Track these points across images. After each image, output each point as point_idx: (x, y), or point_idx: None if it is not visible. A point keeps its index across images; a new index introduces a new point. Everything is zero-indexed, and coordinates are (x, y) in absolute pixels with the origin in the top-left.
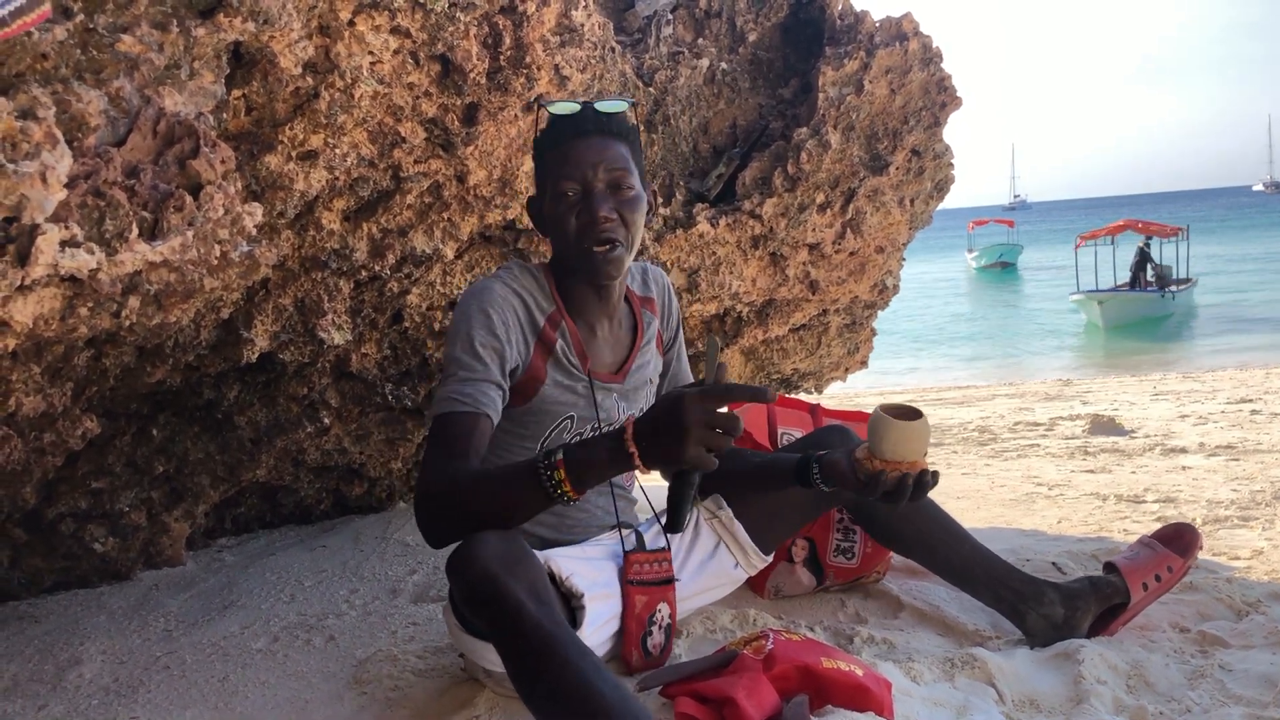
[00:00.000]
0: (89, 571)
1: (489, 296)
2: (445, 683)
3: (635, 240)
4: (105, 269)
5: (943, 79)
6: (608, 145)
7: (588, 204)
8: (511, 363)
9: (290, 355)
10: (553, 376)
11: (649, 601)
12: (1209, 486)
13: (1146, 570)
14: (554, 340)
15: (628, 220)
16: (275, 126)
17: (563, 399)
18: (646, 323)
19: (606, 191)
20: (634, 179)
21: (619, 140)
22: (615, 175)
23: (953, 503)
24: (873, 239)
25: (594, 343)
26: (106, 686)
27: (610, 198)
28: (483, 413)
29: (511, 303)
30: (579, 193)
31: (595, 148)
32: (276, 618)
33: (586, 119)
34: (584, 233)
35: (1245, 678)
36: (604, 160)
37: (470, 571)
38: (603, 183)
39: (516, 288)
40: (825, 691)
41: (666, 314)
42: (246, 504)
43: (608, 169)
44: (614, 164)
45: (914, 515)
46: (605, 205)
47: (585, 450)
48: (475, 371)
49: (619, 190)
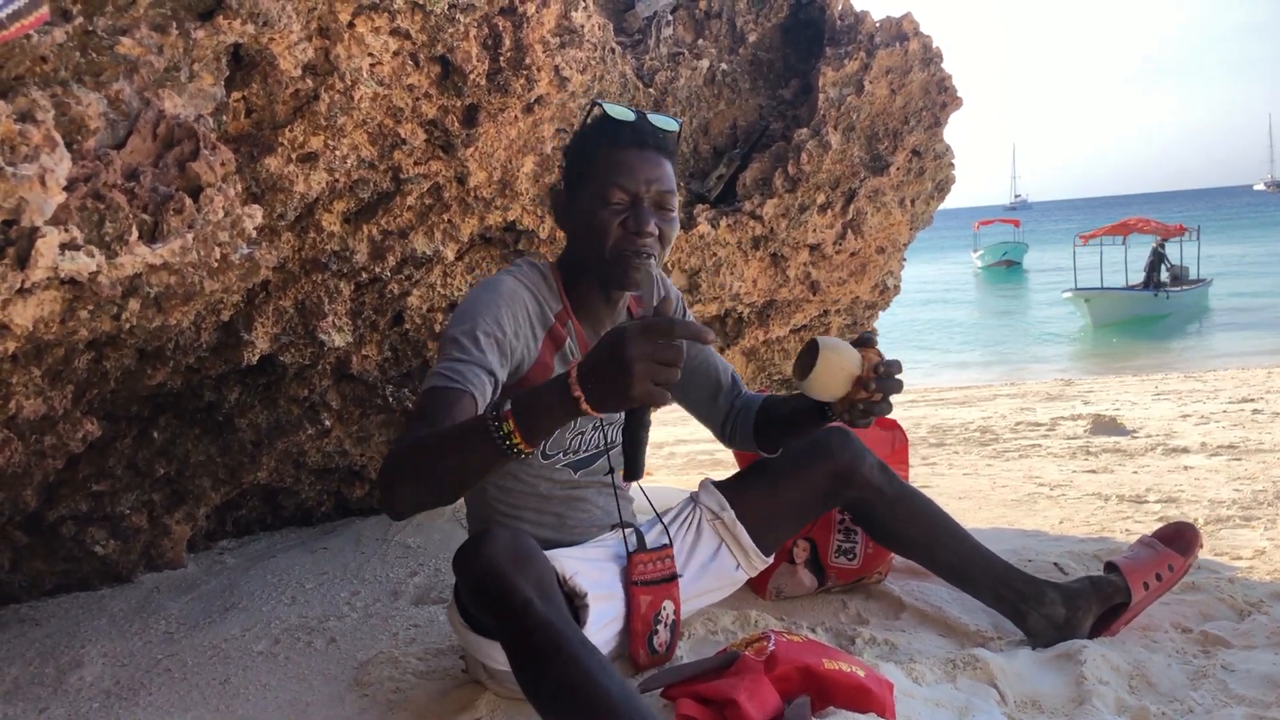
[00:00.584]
0: (90, 574)
1: (500, 288)
2: (446, 685)
3: (664, 256)
4: (105, 271)
5: (943, 79)
6: (661, 163)
7: (636, 214)
8: (516, 356)
9: (291, 357)
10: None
11: (653, 600)
12: (1211, 486)
13: (1147, 569)
14: (563, 338)
15: (665, 238)
16: (275, 129)
17: None
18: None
19: (653, 208)
20: (676, 200)
21: (670, 159)
22: (663, 195)
23: (954, 503)
24: (873, 239)
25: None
26: (108, 689)
27: (655, 214)
28: (467, 390)
29: (522, 296)
30: (626, 203)
31: (651, 162)
32: (277, 620)
33: (645, 132)
34: (626, 241)
35: (1248, 678)
36: (658, 178)
37: (478, 567)
38: (652, 198)
39: (527, 283)
40: (827, 693)
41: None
42: (247, 506)
43: (660, 187)
44: (665, 183)
45: (914, 517)
46: (651, 220)
47: (531, 397)
48: (469, 354)
49: (663, 209)
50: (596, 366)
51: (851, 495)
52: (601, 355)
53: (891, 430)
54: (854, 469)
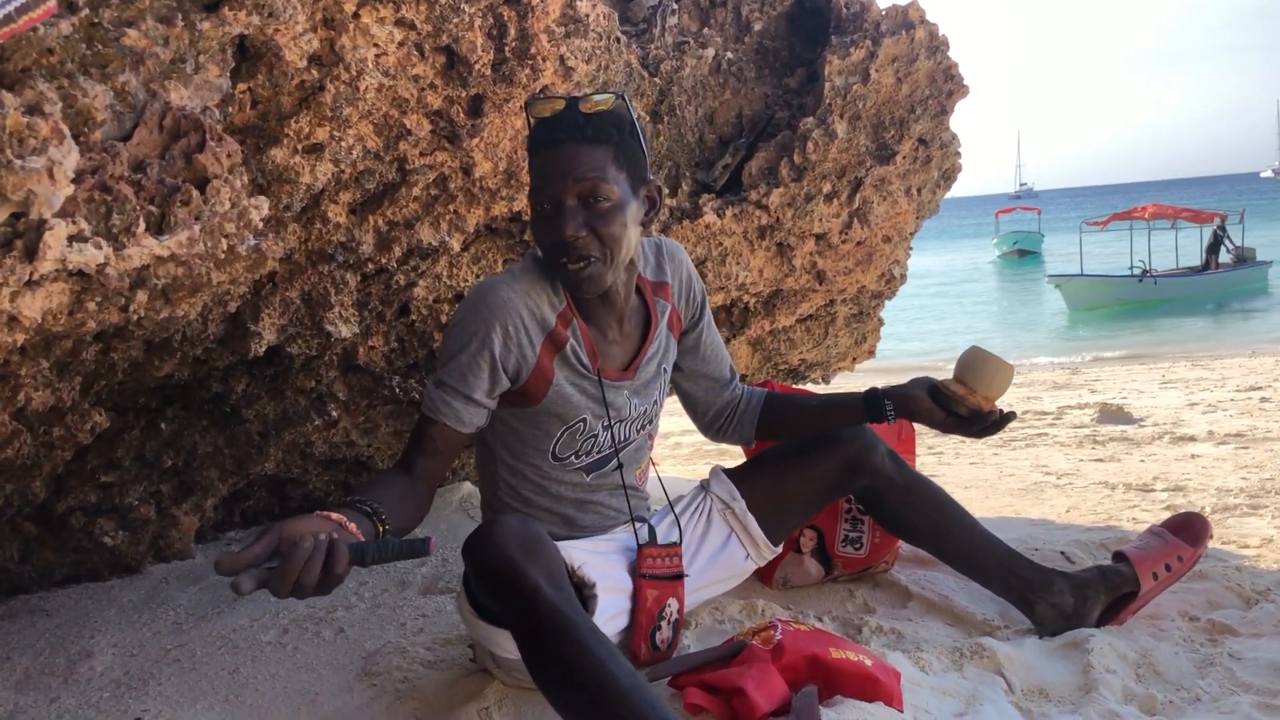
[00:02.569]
0: (99, 565)
1: (495, 300)
2: (454, 674)
3: (615, 252)
4: (113, 263)
5: (949, 67)
6: (581, 154)
7: (556, 221)
8: (511, 368)
9: (297, 348)
10: (562, 375)
11: (660, 596)
12: (1218, 475)
13: (1156, 560)
14: (565, 339)
15: (602, 235)
16: (281, 120)
17: (574, 400)
18: (660, 312)
19: (577, 206)
20: (611, 186)
21: (596, 145)
22: (585, 186)
23: (961, 492)
24: (880, 229)
25: (604, 343)
26: (117, 679)
27: (581, 212)
28: (459, 431)
29: (517, 307)
30: (551, 208)
31: (567, 158)
32: (286, 610)
33: (560, 125)
34: (554, 250)
35: (1255, 666)
36: (575, 171)
37: (488, 554)
38: (574, 196)
39: (528, 286)
40: (834, 681)
41: (685, 293)
42: (255, 497)
43: (577, 179)
44: (585, 173)
45: (924, 505)
46: (573, 223)
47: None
48: (466, 385)
49: (593, 203)
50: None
51: (863, 484)
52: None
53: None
54: (866, 458)
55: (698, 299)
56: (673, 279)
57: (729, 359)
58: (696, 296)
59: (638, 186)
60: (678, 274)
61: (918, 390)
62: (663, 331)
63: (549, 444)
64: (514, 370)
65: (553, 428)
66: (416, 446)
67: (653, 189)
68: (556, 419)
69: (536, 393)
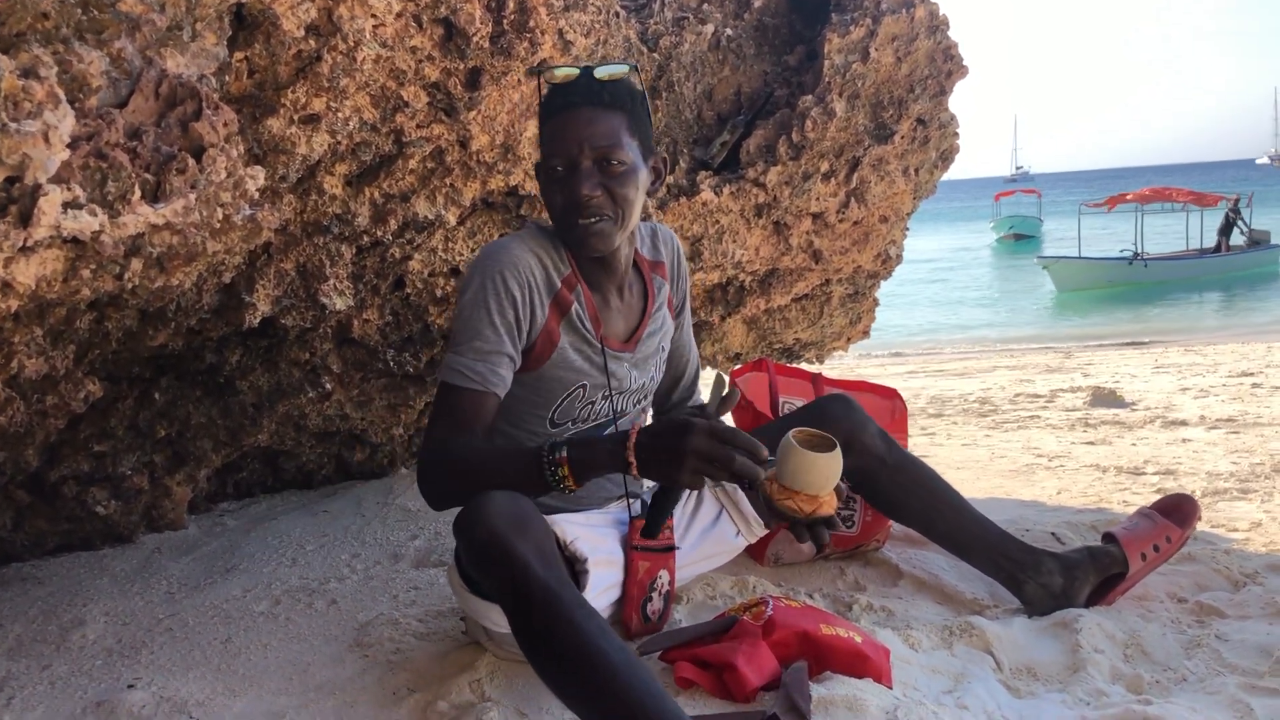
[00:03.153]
0: (92, 534)
1: (508, 257)
2: (446, 646)
3: (627, 214)
4: (108, 231)
5: (949, 47)
6: (597, 118)
7: (572, 181)
8: (525, 325)
9: (292, 320)
10: (567, 340)
11: (651, 568)
12: (1209, 459)
13: (1145, 541)
14: (570, 303)
15: (616, 196)
16: (277, 90)
17: (576, 365)
18: (657, 288)
19: (593, 168)
20: (626, 151)
21: (612, 111)
22: (602, 150)
23: (953, 473)
24: (876, 208)
25: (606, 311)
26: (110, 647)
27: (596, 174)
28: (490, 391)
29: (530, 263)
30: (565, 168)
31: (583, 121)
32: (278, 581)
33: (576, 90)
34: (568, 208)
35: (1241, 647)
36: (592, 135)
37: (478, 531)
38: (589, 159)
39: (535, 248)
40: (824, 658)
41: (676, 277)
42: (248, 468)
43: (594, 144)
44: (601, 139)
45: (914, 486)
46: (589, 183)
47: (587, 450)
48: (488, 342)
49: (607, 165)
50: (655, 445)
51: (853, 463)
52: (662, 436)
53: (891, 400)
54: (857, 436)
55: (684, 288)
56: (667, 260)
57: (696, 361)
58: (684, 285)
59: (646, 155)
60: (671, 258)
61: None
62: (662, 307)
63: (548, 410)
64: (528, 324)
65: (554, 393)
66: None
67: (658, 160)
68: (558, 383)
69: (542, 355)
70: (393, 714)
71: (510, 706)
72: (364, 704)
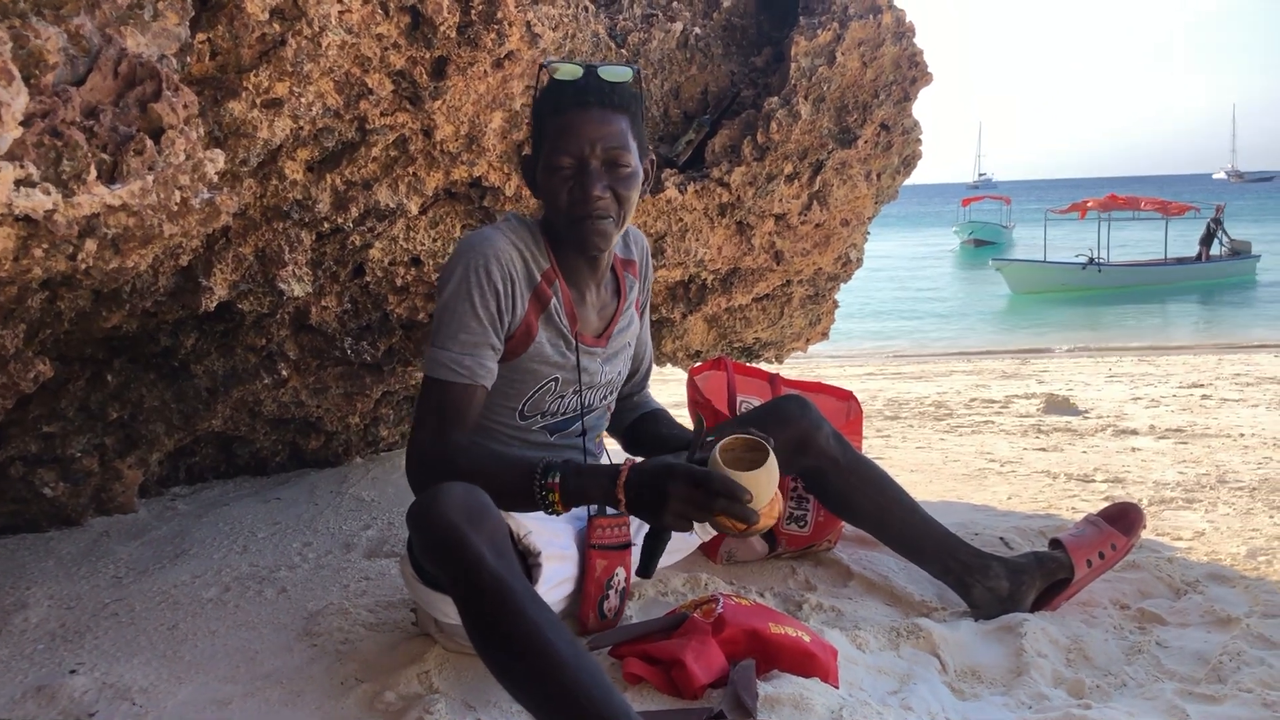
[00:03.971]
0: (38, 516)
1: (490, 249)
2: (396, 637)
3: (627, 215)
4: (62, 210)
5: (914, 54)
6: (607, 120)
7: (582, 180)
8: (507, 317)
9: (249, 305)
10: (544, 333)
11: (608, 565)
12: (1157, 468)
13: (1091, 547)
14: (549, 297)
15: (621, 197)
16: (240, 73)
17: (551, 359)
18: (629, 286)
19: (602, 169)
20: (631, 155)
21: (620, 113)
22: (612, 153)
23: (906, 475)
24: (838, 212)
25: (582, 307)
26: (53, 631)
27: (605, 175)
28: (478, 384)
29: (511, 255)
30: (574, 167)
31: (595, 122)
32: (228, 568)
33: (590, 89)
34: (575, 207)
35: (1180, 654)
36: (603, 136)
37: (431, 522)
38: (599, 160)
39: (516, 241)
40: (772, 656)
41: (644, 276)
42: (201, 453)
43: (605, 146)
44: (612, 140)
45: (866, 487)
46: (599, 183)
47: (580, 480)
48: (473, 334)
49: (615, 168)
50: (641, 486)
51: (807, 463)
52: (649, 480)
53: (846, 401)
54: (810, 437)
55: (648, 285)
56: (639, 260)
57: (650, 360)
58: (648, 282)
59: (643, 157)
60: (642, 258)
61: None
62: (632, 305)
63: (519, 402)
64: (509, 316)
65: (526, 385)
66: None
67: (649, 161)
68: (531, 375)
69: (518, 348)
70: (340, 704)
71: (458, 699)
72: (311, 693)
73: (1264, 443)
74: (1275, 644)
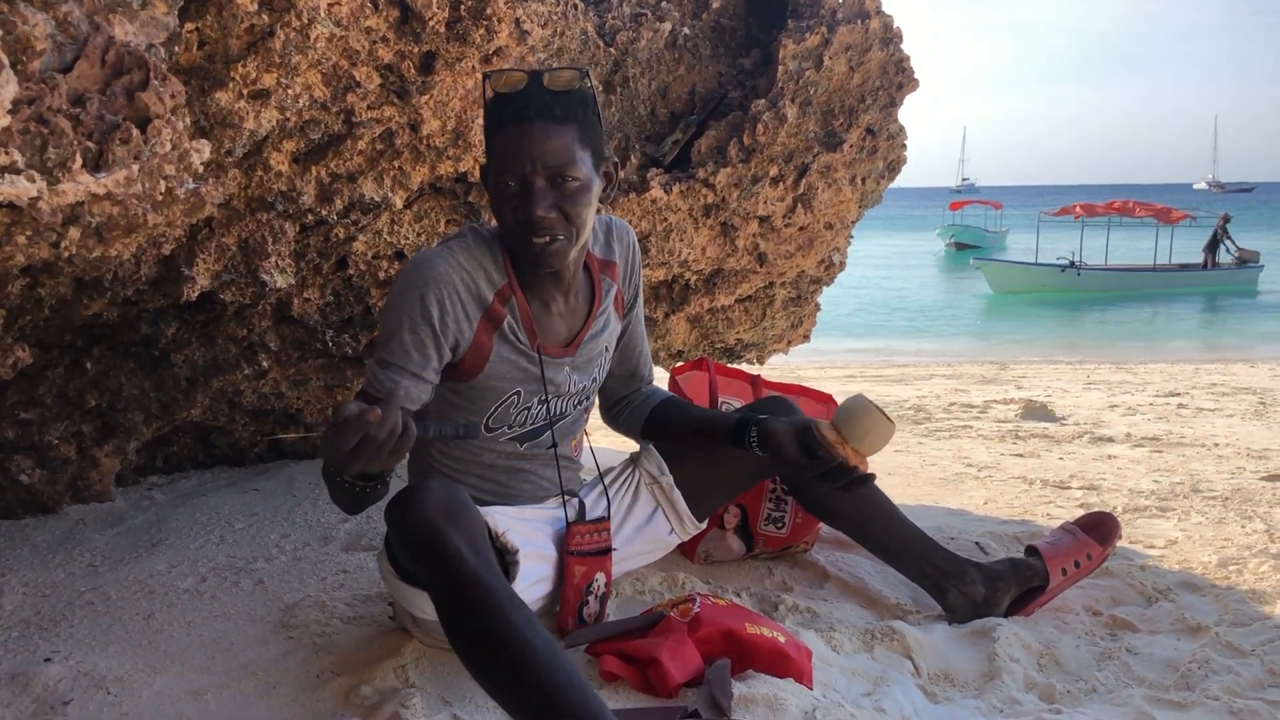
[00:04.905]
0: (13, 503)
1: (431, 274)
2: (373, 631)
3: (581, 230)
4: (46, 198)
5: (901, 60)
6: (549, 134)
7: (525, 200)
8: (450, 343)
9: (231, 296)
10: (499, 352)
11: (587, 572)
12: (1132, 476)
13: (1066, 556)
14: (502, 316)
15: (569, 214)
16: (228, 63)
17: (509, 374)
18: (605, 290)
19: (546, 187)
20: (579, 168)
21: (564, 124)
22: (555, 169)
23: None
24: (823, 215)
25: (546, 318)
26: (27, 619)
27: (550, 193)
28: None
29: (453, 281)
30: (518, 186)
31: (535, 138)
32: (205, 559)
33: (528, 104)
34: (521, 228)
35: (1150, 661)
36: (545, 153)
37: (411, 517)
38: (543, 178)
39: (464, 260)
40: (748, 656)
41: (629, 274)
42: (179, 443)
43: (546, 163)
44: (554, 156)
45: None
46: (543, 203)
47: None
48: (410, 361)
49: (561, 183)
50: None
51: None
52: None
53: (826, 404)
54: None
55: (636, 283)
56: (620, 260)
57: (649, 358)
58: (636, 281)
59: (599, 164)
60: (625, 256)
61: (786, 427)
62: (608, 310)
63: (482, 417)
64: (452, 342)
65: (488, 400)
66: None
67: (610, 165)
68: (491, 392)
69: (474, 368)
70: (316, 697)
71: (434, 694)
72: (287, 685)
73: (1237, 453)
74: (1243, 652)
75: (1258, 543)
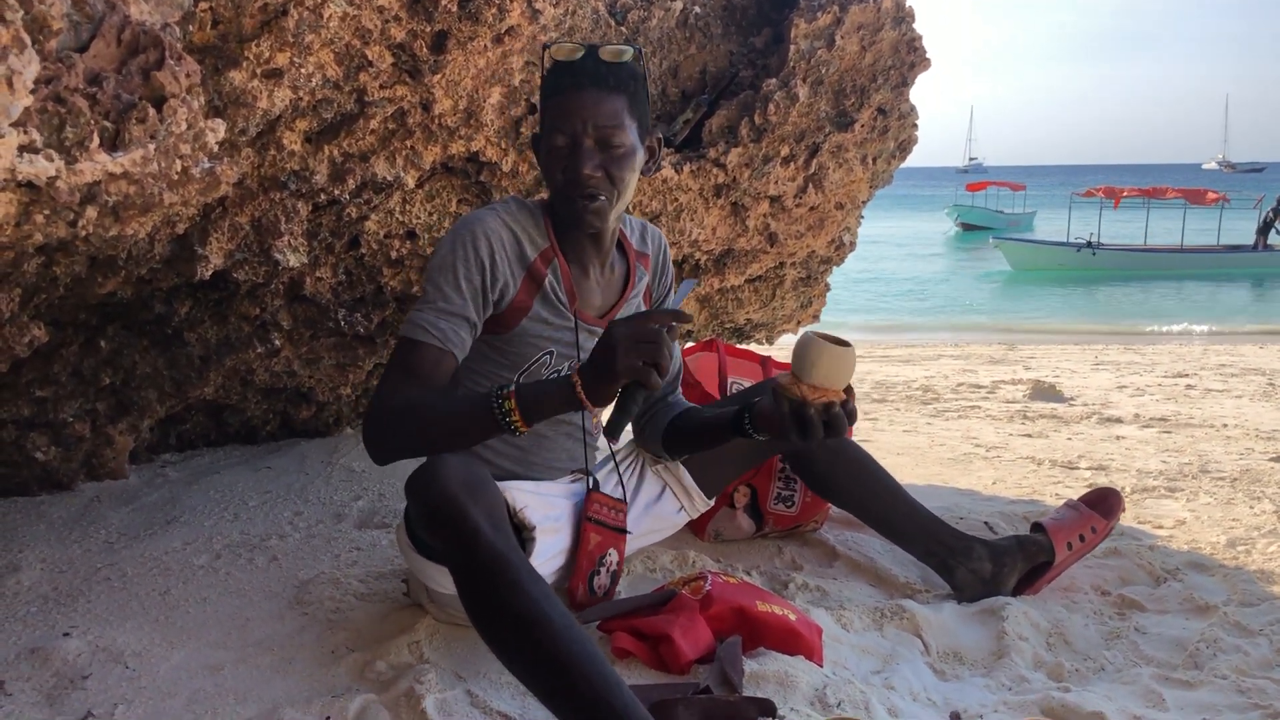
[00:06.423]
0: (29, 480)
1: (481, 226)
2: (386, 607)
3: (623, 194)
4: (64, 177)
5: (913, 39)
6: (602, 99)
7: (573, 159)
8: (495, 294)
9: (244, 275)
10: (538, 310)
11: (602, 543)
12: (1140, 456)
13: (1071, 530)
14: (544, 275)
15: (614, 177)
16: (241, 42)
17: (545, 333)
18: (639, 276)
19: (594, 148)
20: (626, 134)
21: (616, 93)
22: (605, 132)
23: (892, 459)
24: (833, 195)
25: (585, 284)
26: (45, 595)
27: (597, 154)
28: (449, 350)
29: (502, 235)
30: (568, 146)
31: (588, 102)
32: (219, 535)
33: (584, 71)
34: (568, 186)
35: (1158, 640)
36: (595, 116)
37: (431, 491)
38: (591, 139)
39: (510, 221)
40: (758, 633)
41: (660, 272)
42: (192, 421)
43: (597, 125)
44: (605, 120)
45: (852, 469)
46: (590, 162)
47: (536, 388)
48: (452, 304)
49: (608, 147)
50: (592, 359)
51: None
52: (595, 349)
53: None
54: None
55: (667, 282)
56: (652, 255)
57: (680, 361)
58: (667, 279)
59: (643, 136)
60: (657, 254)
61: (767, 399)
62: (639, 294)
63: (514, 374)
64: (498, 293)
65: (522, 357)
66: (404, 373)
67: (654, 140)
68: (528, 347)
69: (511, 322)
70: (331, 672)
71: (448, 669)
72: (302, 661)
73: (1246, 433)
74: (1252, 632)
75: (1266, 523)
